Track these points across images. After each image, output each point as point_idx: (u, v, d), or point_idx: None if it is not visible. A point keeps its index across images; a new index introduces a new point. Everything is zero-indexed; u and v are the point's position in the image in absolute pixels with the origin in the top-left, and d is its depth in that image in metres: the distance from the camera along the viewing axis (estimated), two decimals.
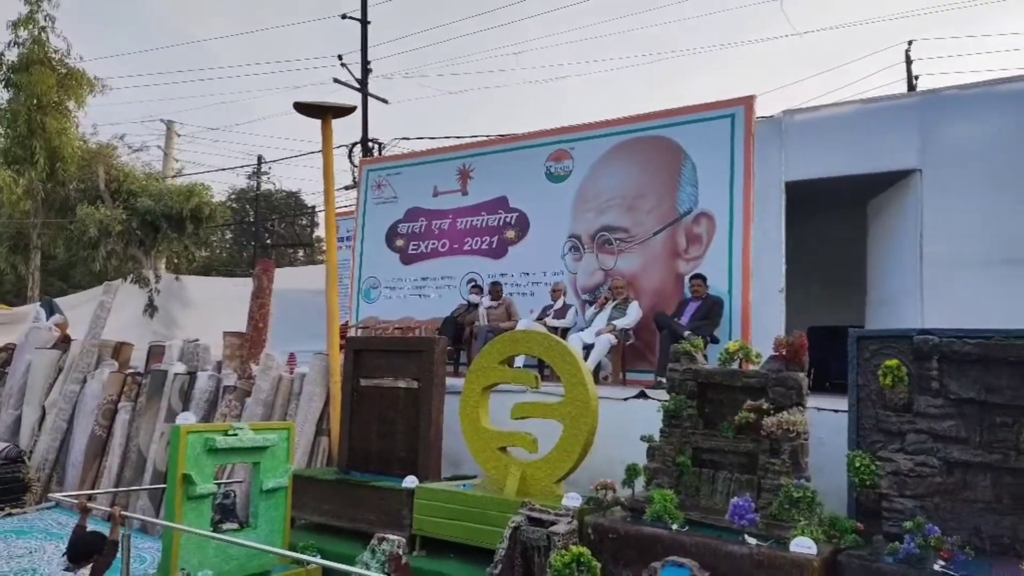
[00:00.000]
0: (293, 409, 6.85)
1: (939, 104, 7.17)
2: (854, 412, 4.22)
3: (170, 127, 22.30)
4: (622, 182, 8.42)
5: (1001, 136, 6.72)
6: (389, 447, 5.69)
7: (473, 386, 5.36)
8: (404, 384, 5.69)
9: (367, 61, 16.48)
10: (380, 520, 5.13)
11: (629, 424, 5.08)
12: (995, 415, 3.80)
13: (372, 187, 10.50)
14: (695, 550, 3.73)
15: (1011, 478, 3.71)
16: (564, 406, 4.95)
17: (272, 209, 30.58)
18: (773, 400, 4.27)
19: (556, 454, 4.90)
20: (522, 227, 9.12)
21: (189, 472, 4.46)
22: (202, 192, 16.07)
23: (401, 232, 10.11)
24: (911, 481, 3.85)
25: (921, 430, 3.93)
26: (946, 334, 3.97)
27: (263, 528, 4.86)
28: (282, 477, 4.96)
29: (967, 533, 3.67)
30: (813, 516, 3.87)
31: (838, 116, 7.70)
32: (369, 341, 7.06)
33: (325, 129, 7.07)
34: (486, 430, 5.24)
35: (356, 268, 10.43)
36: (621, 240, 8.33)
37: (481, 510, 4.68)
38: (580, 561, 3.65)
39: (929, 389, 3.96)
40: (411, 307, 9.74)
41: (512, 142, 9.71)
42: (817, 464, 4.35)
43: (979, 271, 6.56)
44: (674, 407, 4.59)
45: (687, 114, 8.13)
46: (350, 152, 16.28)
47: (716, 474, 4.42)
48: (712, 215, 7.71)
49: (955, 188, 6.82)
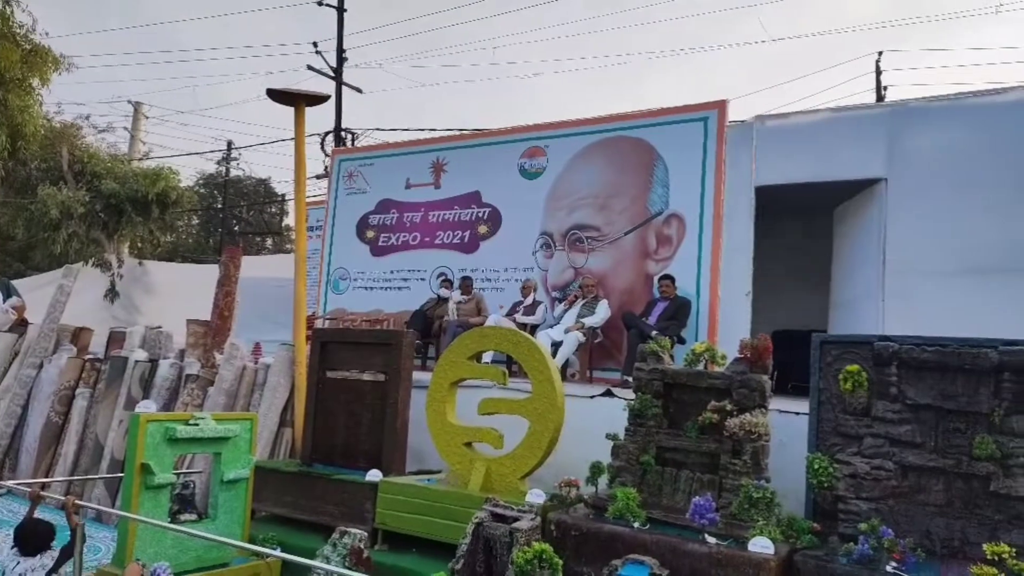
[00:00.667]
0: (257, 400, 6.76)
1: (906, 115, 7.32)
2: (815, 415, 4.29)
3: (138, 109, 21.83)
4: (595, 181, 8.45)
5: (965, 149, 6.88)
6: (354, 440, 5.65)
7: (440, 380, 5.35)
8: (370, 377, 5.65)
9: (343, 49, 16.32)
10: (342, 513, 5.09)
11: (595, 422, 5.11)
12: (949, 421, 3.90)
13: (344, 177, 10.40)
14: (656, 548, 3.77)
15: (962, 483, 3.81)
16: (531, 403, 4.96)
17: (241, 196, 30.12)
18: (737, 402, 4.32)
19: (521, 450, 4.91)
20: (494, 222, 9.11)
21: (148, 461, 4.38)
22: (169, 176, 15.75)
23: (372, 224, 10.03)
24: (867, 484, 3.94)
25: (878, 434, 4.02)
26: (906, 341, 4.06)
27: (223, 519, 4.80)
28: (243, 468, 4.89)
29: (919, 535, 3.76)
30: (772, 516, 3.93)
31: (808, 124, 7.82)
32: (336, 333, 7.00)
33: (298, 116, 6.99)
34: (452, 425, 5.23)
35: (325, 258, 10.33)
36: (592, 239, 8.37)
37: (445, 505, 4.67)
38: (542, 557, 3.66)
39: (887, 394, 4.05)
40: (380, 299, 9.68)
41: (487, 137, 9.70)
42: (777, 465, 4.41)
43: (939, 280, 6.72)
44: (639, 406, 4.63)
45: (661, 116, 8.20)
46: (322, 141, 16.12)
47: (679, 473, 4.47)
48: (683, 217, 7.78)
49: (919, 198, 6.98)
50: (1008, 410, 3.75)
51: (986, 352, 3.82)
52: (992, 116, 6.83)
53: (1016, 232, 6.51)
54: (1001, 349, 3.80)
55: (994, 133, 6.77)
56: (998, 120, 6.80)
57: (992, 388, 3.83)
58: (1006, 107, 6.80)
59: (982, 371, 3.83)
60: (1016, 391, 3.76)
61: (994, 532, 3.61)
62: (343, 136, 15.83)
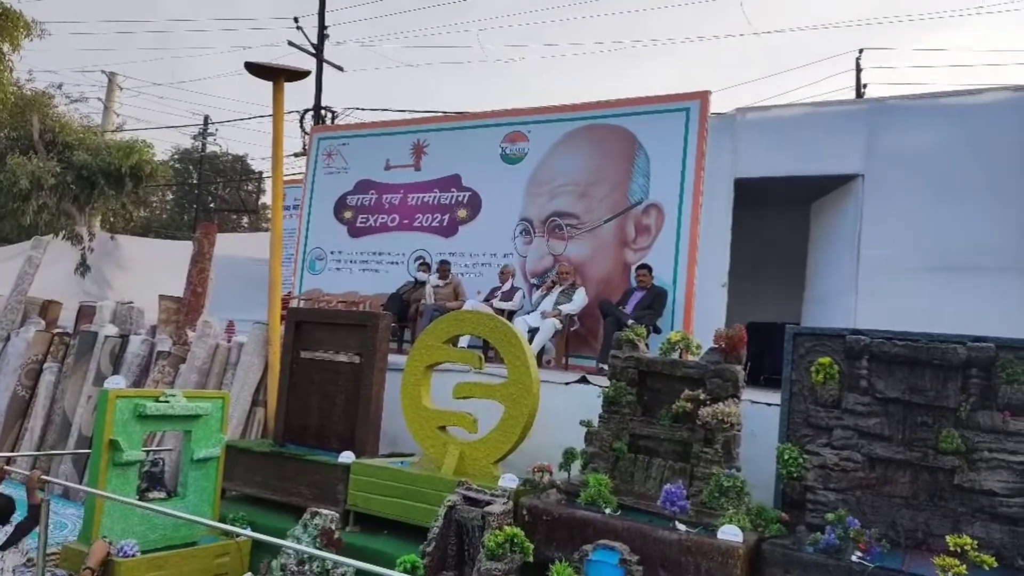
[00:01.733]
0: (229, 378, 6.69)
1: (885, 112, 7.39)
2: (786, 406, 4.34)
3: (112, 79, 21.30)
4: (576, 168, 8.43)
5: (941, 148, 6.97)
6: (327, 421, 5.62)
7: (416, 364, 5.33)
8: (345, 358, 5.61)
9: (324, 26, 16.07)
10: (314, 494, 5.07)
11: (569, 408, 5.13)
12: (917, 415, 3.97)
13: (322, 156, 10.26)
14: (626, 534, 3.80)
15: (928, 475, 3.88)
16: (506, 388, 4.96)
17: (217, 172, 29.68)
18: (710, 391, 4.36)
19: (495, 435, 4.91)
20: (474, 207, 9.06)
21: (116, 438, 4.32)
22: (143, 149, 15.41)
23: (350, 204, 9.93)
24: (835, 475, 4.00)
25: (848, 426, 4.08)
26: (876, 335, 4.12)
27: (192, 498, 4.76)
28: (214, 447, 4.85)
29: (885, 526, 3.83)
30: (741, 505, 3.98)
31: (788, 117, 7.86)
32: (311, 313, 6.94)
33: (276, 92, 6.87)
34: (426, 408, 5.22)
35: (302, 238, 10.21)
36: (572, 226, 8.36)
37: (417, 488, 4.67)
38: (513, 541, 3.68)
39: (858, 387, 4.11)
40: (357, 281, 9.60)
41: (468, 120, 9.62)
42: (748, 455, 4.46)
43: (911, 276, 6.82)
44: (614, 393, 4.65)
45: (643, 105, 8.17)
46: (301, 119, 15.91)
47: (651, 461, 4.50)
48: (662, 207, 7.80)
49: (895, 195, 7.06)
50: (974, 405, 3.82)
51: (955, 348, 3.88)
52: (967, 116, 6.93)
53: (987, 231, 6.63)
54: (969, 345, 3.87)
55: (969, 133, 6.86)
56: (973, 121, 6.89)
57: (959, 383, 3.90)
58: (981, 108, 6.90)
59: (950, 366, 3.90)
60: (983, 387, 3.84)
61: (957, 524, 3.69)
62: (323, 114, 15.61)
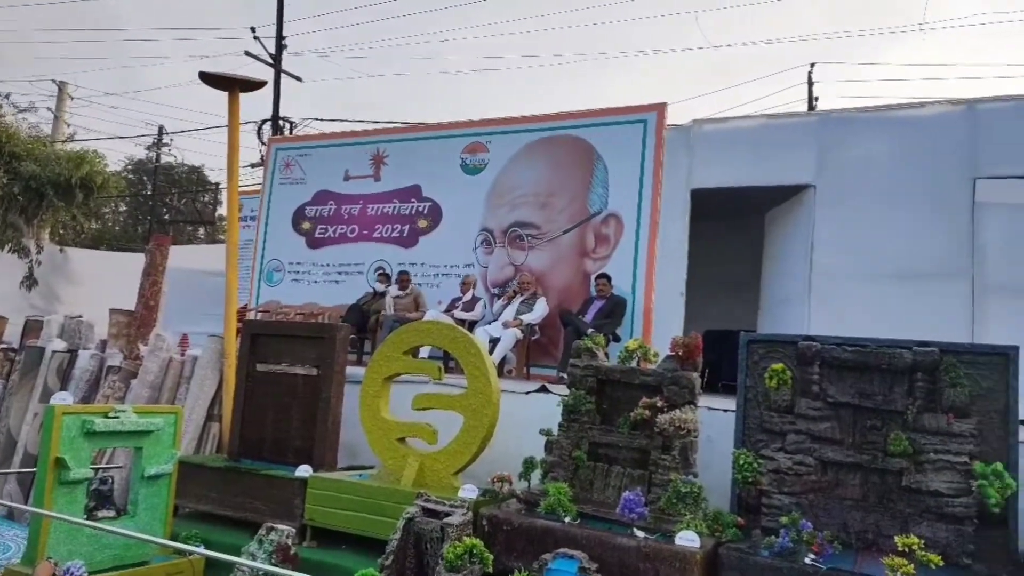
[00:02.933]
0: (183, 393, 6.54)
1: (834, 124, 7.60)
2: (741, 412, 4.42)
3: (62, 88, 20.77)
4: (536, 179, 8.49)
5: (888, 159, 7.19)
6: (284, 435, 5.53)
7: (374, 375, 5.28)
8: (303, 371, 5.54)
9: (282, 36, 15.93)
10: (270, 510, 4.98)
11: (529, 418, 5.13)
12: (867, 419, 4.07)
13: (280, 167, 10.15)
14: (586, 542, 3.81)
15: (878, 478, 3.98)
16: (466, 398, 4.94)
17: (173, 183, 29.10)
18: (667, 398, 4.41)
19: (455, 446, 4.89)
20: (434, 217, 9.04)
21: (63, 455, 4.19)
22: (94, 160, 15.03)
23: (308, 215, 9.83)
24: (789, 479, 4.07)
25: (800, 431, 4.16)
26: (828, 341, 4.22)
27: (143, 516, 4.63)
28: (166, 463, 4.73)
29: (837, 528, 3.91)
30: (698, 511, 4.03)
31: (743, 129, 8.03)
32: (267, 325, 6.83)
33: (232, 102, 6.78)
34: (385, 420, 5.17)
35: (259, 249, 10.06)
36: (532, 236, 8.40)
37: (376, 501, 4.61)
38: (472, 552, 3.66)
39: (810, 392, 4.20)
40: (315, 293, 9.49)
41: (428, 131, 9.61)
42: (705, 461, 4.52)
43: (861, 283, 7.00)
44: (573, 402, 4.67)
45: (601, 116, 8.28)
46: (259, 129, 15.73)
47: (610, 468, 4.53)
48: (620, 217, 7.88)
49: (844, 205, 7.26)
50: (920, 408, 3.94)
51: (901, 353, 4.00)
52: (911, 129, 7.16)
53: (932, 240, 6.85)
54: (915, 350, 3.99)
55: (912, 145, 7.10)
56: (916, 133, 7.13)
57: (906, 387, 4.01)
58: (923, 121, 7.14)
59: (897, 371, 4.01)
60: (928, 390, 3.96)
61: (905, 525, 3.79)
62: (280, 125, 15.45)
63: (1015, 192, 6.64)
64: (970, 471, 3.71)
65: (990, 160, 6.77)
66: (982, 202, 6.73)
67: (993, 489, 3.57)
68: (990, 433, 3.85)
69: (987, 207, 6.71)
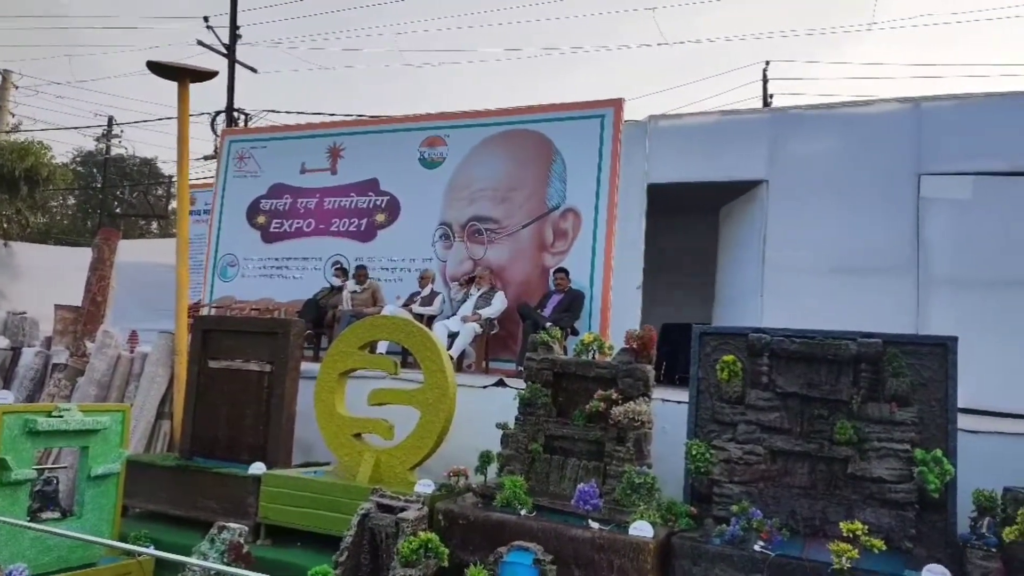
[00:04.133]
0: (132, 391, 6.39)
1: (786, 121, 7.74)
2: (694, 403, 4.49)
3: (6, 77, 20.05)
4: (495, 173, 8.48)
5: (837, 155, 7.35)
6: (237, 433, 5.44)
7: (329, 371, 5.23)
8: (256, 367, 5.45)
9: (236, 26, 15.60)
10: (223, 508, 4.89)
11: (487, 412, 5.14)
12: (814, 408, 4.18)
13: (234, 159, 9.95)
14: (541, 535, 3.84)
15: (824, 466, 4.08)
16: (422, 393, 4.93)
17: (124, 176, 28.30)
18: (622, 390, 4.46)
19: (411, 441, 4.87)
20: (392, 211, 8.98)
21: (4, 456, 4.06)
22: (40, 151, 14.57)
23: (264, 209, 9.66)
24: (739, 468, 4.15)
25: (751, 421, 4.25)
26: (776, 333, 4.31)
27: (90, 517, 4.52)
28: (113, 463, 4.62)
29: (785, 516, 4.01)
30: (652, 501, 4.09)
31: (698, 125, 8.13)
32: (219, 321, 6.71)
33: (182, 93, 6.62)
34: (340, 416, 5.12)
35: (212, 244, 9.85)
36: (491, 231, 8.40)
37: (331, 497, 4.58)
38: (428, 547, 3.66)
39: (759, 383, 4.28)
40: (271, 288, 9.34)
41: (386, 124, 9.53)
42: (660, 452, 4.58)
43: (812, 277, 7.16)
44: (529, 395, 4.69)
45: (559, 111, 8.30)
46: (213, 121, 15.39)
47: (566, 461, 4.57)
48: (579, 211, 7.94)
49: (795, 200, 7.40)
50: (864, 397, 4.05)
51: (846, 344, 4.11)
52: (860, 126, 7.33)
53: (878, 234, 7.02)
54: (859, 341, 4.10)
55: (861, 142, 7.27)
56: (865, 130, 7.30)
57: (851, 377, 4.13)
58: (873, 118, 7.31)
59: (843, 361, 4.12)
60: (872, 380, 4.08)
61: (850, 511, 3.90)
62: (235, 117, 15.14)
63: (957, 188, 6.86)
64: (911, 458, 3.82)
65: (934, 157, 6.97)
66: (927, 197, 6.93)
67: (933, 475, 3.69)
68: (930, 421, 3.99)
69: (931, 202, 6.91)
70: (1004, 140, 6.72)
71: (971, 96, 7.15)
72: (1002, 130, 6.75)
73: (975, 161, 6.81)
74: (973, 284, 6.57)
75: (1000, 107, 6.87)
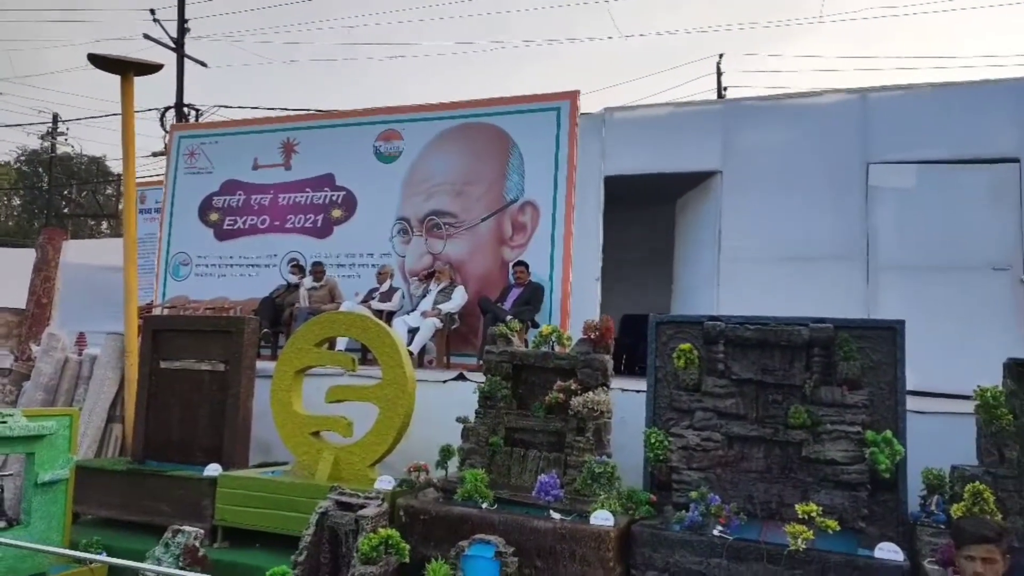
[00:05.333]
0: (81, 394, 6.21)
1: (738, 112, 7.85)
2: (652, 392, 4.53)
3: None
4: (452, 167, 8.43)
5: (788, 145, 7.48)
6: (191, 434, 5.32)
7: (285, 368, 5.14)
8: (209, 367, 5.34)
9: (184, 19, 15.22)
10: (178, 512, 4.78)
11: (448, 406, 5.10)
12: (769, 393, 4.25)
13: (184, 155, 9.71)
14: (502, 527, 3.84)
15: (779, 450, 4.16)
16: (381, 388, 4.88)
17: (71, 175, 27.46)
18: (581, 381, 4.48)
19: (371, 437, 4.82)
20: (349, 206, 8.86)
21: None
22: None
23: (216, 206, 9.45)
24: (697, 455, 4.20)
25: (707, 408, 4.30)
26: (731, 320, 4.37)
27: (38, 525, 4.37)
28: (62, 469, 4.48)
29: (742, 500, 4.07)
30: (613, 490, 4.11)
31: (653, 117, 8.20)
32: (170, 320, 6.56)
33: (125, 87, 6.45)
34: (298, 414, 5.05)
35: (163, 243, 9.61)
36: (450, 225, 8.35)
37: (290, 497, 4.51)
38: (388, 543, 3.63)
39: (715, 370, 4.34)
40: (225, 286, 9.15)
41: (340, 118, 9.40)
42: (619, 442, 4.62)
43: (766, 266, 7.28)
44: (489, 388, 4.68)
45: (516, 104, 8.29)
46: (162, 116, 14.99)
47: (527, 453, 4.57)
48: (537, 204, 7.93)
49: (748, 190, 7.51)
50: (817, 382, 4.13)
51: (799, 330, 4.18)
52: (810, 117, 7.47)
53: (829, 222, 7.18)
54: (811, 327, 4.18)
55: (811, 132, 7.41)
56: (815, 121, 7.45)
57: (804, 362, 4.21)
58: (822, 109, 7.46)
59: (795, 347, 4.20)
60: (824, 364, 4.16)
61: (805, 493, 3.97)
62: (185, 112, 14.79)
63: (904, 176, 7.04)
64: (863, 440, 3.91)
65: (881, 146, 7.14)
66: (875, 186, 7.10)
67: (883, 456, 3.79)
68: (880, 403, 4.09)
69: (879, 191, 7.08)
70: (946, 129, 6.92)
71: (915, 87, 7.34)
72: (944, 120, 6.95)
73: (919, 150, 7.00)
74: (919, 270, 6.76)
75: (941, 97, 7.08)
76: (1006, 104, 6.83)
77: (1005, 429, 3.65)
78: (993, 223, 6.68)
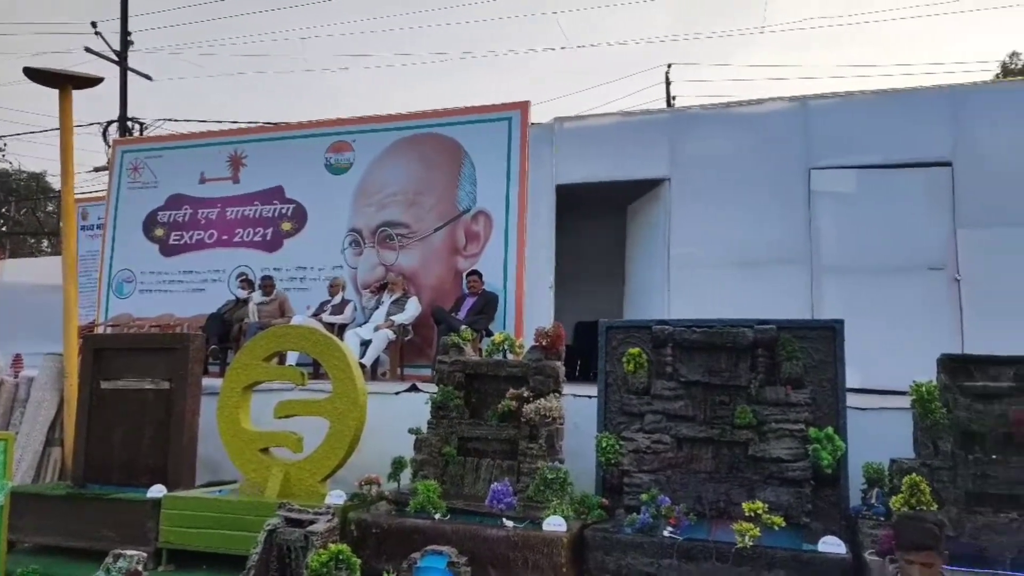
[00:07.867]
0: (18, 418, 5.98)
1: (685, 120, 8.02)
2: (602, 396, 4.56)
3: None
4: (404, 177, 8.41)
5: (733, 152, 7.65)
6: (134, 455, 5.16)
7: (232, 384, 5.04)
8: (152, 385, 5.19)
9: (127, 32, 14.89)
10: (122, 536, 4.61)
11: (401, 418, 5.05)
12: (716, 395, 4.32)
13: (127, 170, 9.48)
14: (455, 537, 3.81)
15: (727, 450, 4.23)
16: (331, 402, 4.81)
17: (9, 192, 26.55)
18: (533, 388, 4.49)
19: (321, 452, 4.75)
20: (299, 219, 8.75)
21: None
22: None
23: (161, 221, 9.24)
24: (648, 457, 4.25)
25: (657, 411, 4.35)
26: (679, 324, 4.44)
27: None
28: None
29: (692, 501, 4.12)
30: (565, 496, 4.13)
31: (602, 126, 8.30)
32: (111, 339, 6.39)
33: (63, 101, 6.27)
34: (246, 431, 4.94)
35: (106, 259, 9.35)
36: (402, 236, 8.31)
37: (237, 516, 4.40)
38: (339, 559, 3.55)
39: (664, 373, 4.40)
40: (172, 303, 8.93)
41: (289, 130, 9.31)
42: (572, 448, 4.63)
43: (714, 271, 7.41)
44: (441, 398, 4.66)
45: (467, 114, 8.32)
46: (104, 131, 14.62)
47: (480, 462, 4.56)
48: (489, 214, 7.96)
49: (696, 197, 7.65)
50: (762, 382, 4.22)
51: (744, 331, 4.27)
52: (753, 124, 7.66)
53: (775, 227, 7.35)
54: (756, 328, 4.27)
55: (755, 139, 7.59)
56: (758, 128, 7.63)
57: (749, 363, 4.29)
58: (764, 117, 7.65)
59: (741, 348, 4.28)
60: (768, 364, 4.25)
61: (752, 491, 4.04)
62: (130, 126, 14.43)
63: (844, 181, 7.26)
64: (806, 437, 4.00)
65: (822, 152, 7.35)
66: (816, 191, 7.30)
67: (826, 452, 3.88)
68: (822, 401, 4.19)
69: (820, 195, 7.28)
70: (882, 135, 7.17)
71: (852, 94, 7.59)
72: (880, 125, 7.19)
73: (857, 155, 7.22)
74: (858, 271, 6.97)
75: (876, 104, 7.34)
76: (939, 110, 7.10)
77: (939, 422, 3.77)
78: (928, 225, 6.93)
